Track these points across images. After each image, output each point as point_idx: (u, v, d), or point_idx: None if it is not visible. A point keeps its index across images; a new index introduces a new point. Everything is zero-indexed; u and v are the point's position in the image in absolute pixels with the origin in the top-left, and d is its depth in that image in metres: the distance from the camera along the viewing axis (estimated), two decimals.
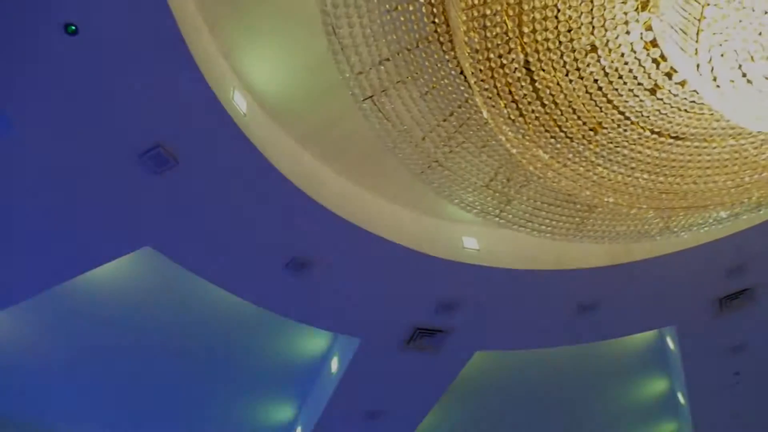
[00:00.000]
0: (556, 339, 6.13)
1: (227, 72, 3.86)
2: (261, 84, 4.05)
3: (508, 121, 2.87)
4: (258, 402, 6.54)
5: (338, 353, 5.90)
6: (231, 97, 3.77)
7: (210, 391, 6.24)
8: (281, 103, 4.19)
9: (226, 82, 3.77)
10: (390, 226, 4.81)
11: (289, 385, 6.40)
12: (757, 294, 6.04)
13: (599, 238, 4.07)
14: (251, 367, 6.06)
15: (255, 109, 4.09)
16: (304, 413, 6.51)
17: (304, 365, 6.18)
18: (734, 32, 2.08)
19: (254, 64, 3.94)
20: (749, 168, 3.32)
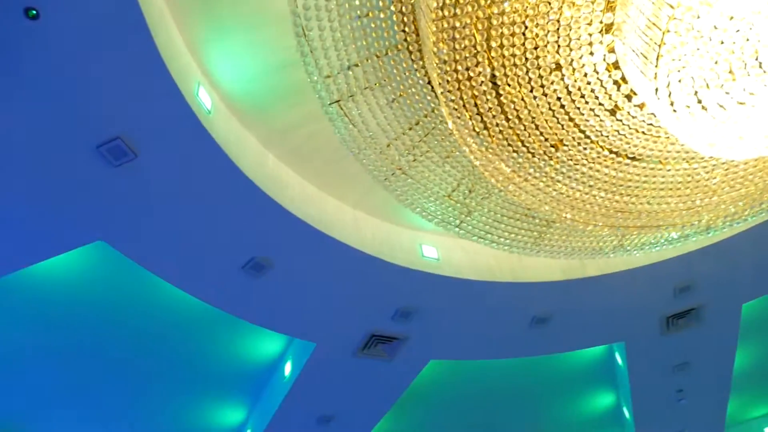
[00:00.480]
0: (509, 351, 6.21)
1: (193, 67, 3.80)
2: (227, 81, 4.00)
3: (473, 133, 2.91)
4: (208, 403, 6.41)
5: (292, 357, 5.85)
6: (195, 92, 3.71)
7: (159, 390, 6.09)
8: (247, 102, 4.14)
9: (190, 77, 3.71)
10: (351, 232, 4.80)
11: (241, 388, 6.31)
12: (702, 314, 6.25)
13: (555, 252, 4.16)
14: (203, 367, 5.94)
15: (220, 107, 4.04)
16: (255, 416, 6.42)
17: (257, 368, 6.10)
18: (692, 60, 2.15)
19: (221, 61, 3.89)
20: (700, 191, 3.44)
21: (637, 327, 6.31)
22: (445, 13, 2.44)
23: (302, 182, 4.71)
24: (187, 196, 4.06)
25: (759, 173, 3.35)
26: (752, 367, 7.69)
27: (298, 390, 5.75)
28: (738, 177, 3.36)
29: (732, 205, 3.56)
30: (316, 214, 4.58)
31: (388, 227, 5.21)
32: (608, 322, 6.18)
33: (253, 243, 4.47)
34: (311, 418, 6.11)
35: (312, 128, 4.33)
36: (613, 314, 6.06)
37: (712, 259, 5.56)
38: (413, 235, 5.30)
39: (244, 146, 4.18)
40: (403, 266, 4.95)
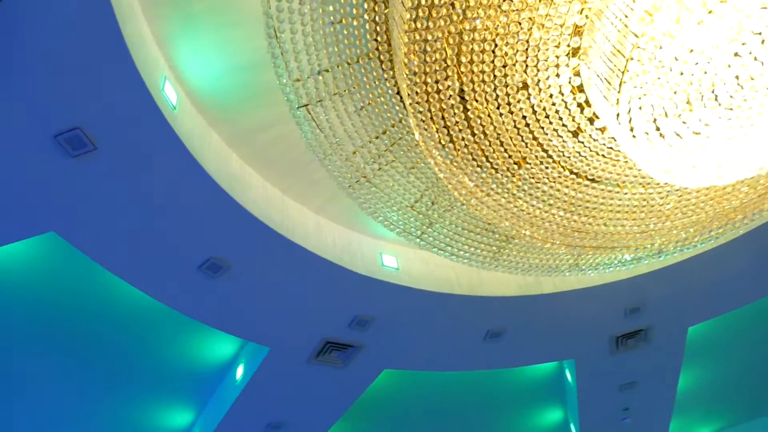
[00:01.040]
0: (462, 363, 6.26)
1: (160, 61, 3.74)
2: (194, 78, 3.94)
3: (439, 146, 2.94)
4: (155, 404, 6.25)
5: (245, 361, 5.76)
6: (161, 86, 3.65)
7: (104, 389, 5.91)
8: (214, 100, 4.09)
9: (157, 71, 3.64)
10: (312, 237, 4.77)
11: (191, 390, 6.17)
12: (650, 335, 6.43)
13: (513, 268, 4.23)
14: (152, 366, 5.79)
15: (185, 103, 3.97)
16: (203, 420, 6.29)
17: (208, 370, 5.99)
18: (652, 88, 2.23)
19: (190, 57, 3.83)
20: (654, 216, 3.56)
21: (587, 345, 6.45)
22: (418, 25, 2.46)
23: (265, 184, 4.66)
24: (146, 191, 3.97)
25: (710, 202, 3.47)
26: (695, 388, 7.94)
27: (249, 394, 5.66)
28: (690, 204, 3.48)
29: (683, 230, 3.68)
30: (278, 217, 4.54)
31: (350, 234, 5.20)
32: (560, 339, 6.29)
33: (212, 243, 4.39)
34: (261, 423, 6.03)
35: (278, 131, 4.30)
36: (566, 332, 6.18)
37: (662, 282, 5.74)
38: (374, 244, 5.30)
39: (208, 144, 4.12)
40: (362, 274, 4.94)
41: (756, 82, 2.26)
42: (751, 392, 8.33)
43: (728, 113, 2.34)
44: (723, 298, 6.29)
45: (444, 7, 2.42)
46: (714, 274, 5.82)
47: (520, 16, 2.43)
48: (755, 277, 6.09)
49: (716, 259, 5.55)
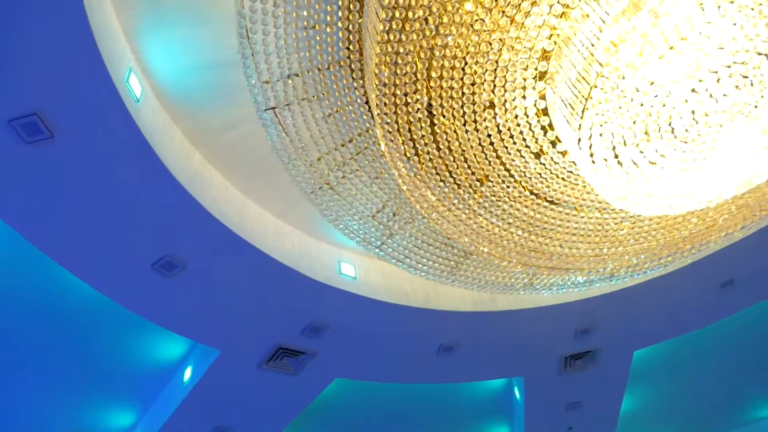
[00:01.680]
0: (414, 376, 6.28)
1: (127, 52, 3.66)
2: (162, 72, 3.87)
3: (404, 158, 2.96)
4: (97, 403, 6.05)
5: (194, 362, 5.64)
6: (126, 78, 3.57)
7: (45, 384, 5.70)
8: (180, 96, 4.02)
9: (123, 62, 3.57)
10: (271, 241, 4.73)
11: (135, 389, 6.00)
12: (598, 356, 6.58)
13: (469, 284, 4.27)
14: (96, 364, 5.61)
15: (150, 97, 3.90)
16: (147, 421, 6.12)
17: (154, 370, 5.84)
18: (613, 116, 2.30)
19: (158, 51, 3.76)
20: (608, 241, 3.65)
21: (537, 364, 6.55)
22: (391, 37, 2.48)
23: (227, 185, 4.60)
24: (103, 183, 3.86)
25: (661, 230, 3.59)
26: (637, 411, 8.15)
27: (196, 397, 5.54)
28: (643, 231, 3.59)
29: (635, 256, 3.79)
30: (237, 218, 4.48)
31: (309, 241, 5.17)
32: (511, 357, 6.38)
33: (168, 241, 4.30)
34: (207, 427, 5.90)
35: (244, 132, 4.26)
36: (517, 349, 6.27)
37: (612, 305, 5.88)
38: (333, 252, 5.28)
39: (171, 140, 4.05)
40: (319, 281, 4.91)
41: (710, 119, 2.35)
42: (691, 416, 8.59)
43: (683, 146, 2.43)
44: (668, 325, 6.49)
45: (417, 22, 2.45)
46: (661, 301, 6.01)
47: (491, 36, 2.47)
48: (700, 306, 6.31)
49: (664, 286, 5.72)
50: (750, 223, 3.75)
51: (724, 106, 2.31)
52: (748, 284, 6.13)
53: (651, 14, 2.05)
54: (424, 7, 2.42)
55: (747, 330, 7.16)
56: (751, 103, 2.33)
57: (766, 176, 2.62)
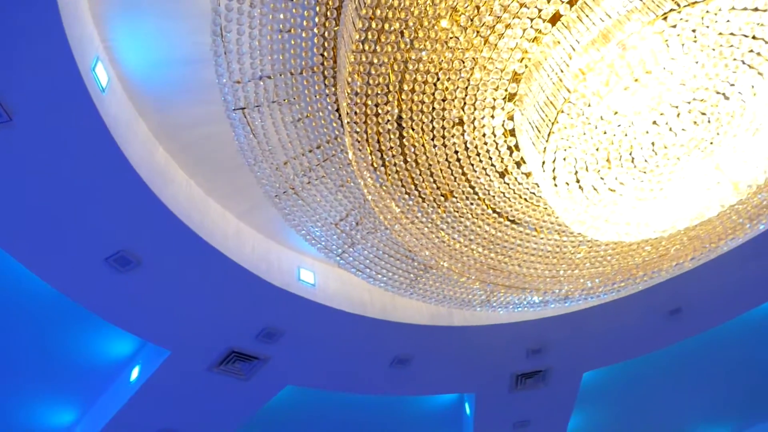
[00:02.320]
0: (367, 387, 6.25)
1: (95, 39, 3.58)
2: (130, 63, 3.80)
3: (370, 168, 2.97)
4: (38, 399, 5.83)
5: (142, 362, 5.50)
6: (92, 66, 3.49)
7: None
8: (147, 89, 3.95)
9: (90, 49, 3.48)
10: (231, 242, 4.66)
11: (78, 387, 5.80)
12: (548, 376, 6.68)
13: (427, 297, 4.30)
14: (39, 358, 5.41)
15: (116, 87, 3.82)
16: (87, 420, 5.92)
17: (100, 368, 5.66)
18: (578, 142, 2.35)
19: (129, 41, 3.69)
20: (565, 263, 3.73)
21: (489, 381, 6.61)
22: (366, 47, 2.50)
23: (189, 183, 4.53)
24: (60, 171, 3.75)
25: (616, 256, 3.69)
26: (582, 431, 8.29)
27: (142, 397, 5.40)
28: (599, 256, 3.68)
29: (590, 280, 3.88)
30: (197, 217, 4.41)
31: (270, 245, 5.12)
32: (464, 372, 6.42)
33: (124, 235, 4.20)
34: (151, 429, 5.75)
35: (210, 130, 4.21)
36: (470, 365, 6.31)
37: (565, 327, 5.99)
38: (293, 257, 5.25)
39: (135, 133, 3.97)
40: (277, 286, 4.87)
41: (668, 151, 2.44)
42: None
43: (641, 176, 2.51)
44: (618, 348, 6.65)
45: (393, 35, 2.47)
46: (612, 325, 6.15)
47: (464, 55, 2.51)
48: (649, 331, 6.48)
49: (616, 310, 5.87)
50: (700, 255, 3.89)
51: (683, 140, 2.40)
52: (695, 313, 6.34)
53: (619, 46, 2.12)
54: (401, 21, 2.44)
55: (693, 356, 7.39)
56: (707, 140, 2.43)
57: (717, 210, 2.73)
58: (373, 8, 2.39)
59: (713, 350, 7.33)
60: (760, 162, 2.56)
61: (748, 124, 2.41)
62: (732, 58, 2.18)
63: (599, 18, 2.23)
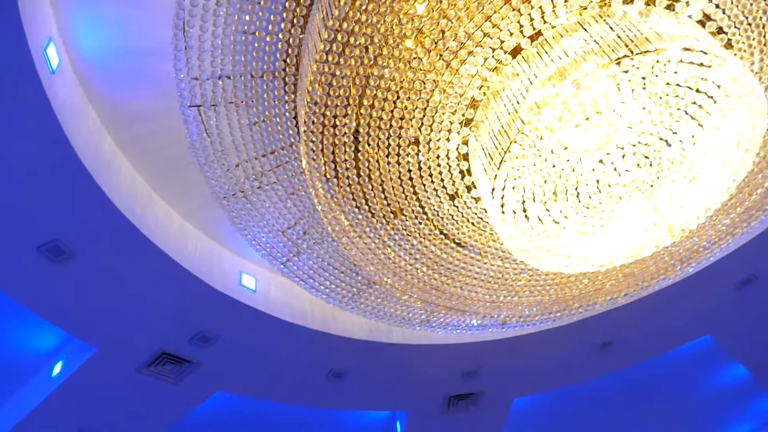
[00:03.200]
0: (301, 398, 6.17)
1: (50, 20, 3.45)
2: (85, 48, 3.68)
3: (323, 178, 2.96)
4: None
5: (66, 357, 5.26)
6: (44, 45, 3.36)
7: None
8: (100, 76, 3.83)
9: (44, 29, 3.36)
10: (173, 241, 4.54)
11: None
12: (480, 399, 6.77)
13: (368, 312, 4.30)
14: None
15: (67, 71, 3.68)
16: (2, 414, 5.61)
17: (21, 360, 5.38)
18: (527, 173, 2.42)
19: (85, 25, 3.57)
20: (506, 289, 3.80)
21: (422, 400, 6.64)
22: (330, 59, 2.50)
23: (135, 176, 4.40)
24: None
25: (555, 286, 3.79)
26: None
27: (63, 394, 5.15)
28: (538, 285, 3.77)
29: (528, 308, 3.97)
30: (140, 212, 4.29)
31: (213, 247, 5.02)
32: (398, 390, 6.43)
33: (60, 224, 4.03)
34: (70, 427, 5.49)
35: (162, 125, 4.10)
36: (405, 383, 6.33)
37: (500, 352, 6.09)
38: (236, 262, 5.15)
39: (83, 120, 3.83)
40: (217, 289, 4.76)
41: (611, 190, 2.53)
42: None
43: (585, 211, 2.60)
44: (550, 377, 6.80)
45: (358, 49, 2.49)
46: (546, 353, 6.29)
47: (426, 76, 2.55)
48: (580, 362, 6.67)
49: (550, 339, 6.01)
50: (633, 291, 4.05)
51: (625, 180, 2.50)
52: (625, 347, 6.57)
53: (574, 85, 2.20)
54: (367, 36, 2.46)
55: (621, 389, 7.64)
56: (648, 182, 2.54)
57: (651, 250, 2.85)
58: (341, 21, 2.41)
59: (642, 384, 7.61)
60: (695, 208, 2.69)
61: (686, 171, 2.54)
62: (676, 108, 2.29)
63: (557, 55, 2.32)
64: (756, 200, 3.57)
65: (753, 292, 6.16)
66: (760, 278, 6.02)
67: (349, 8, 2.38)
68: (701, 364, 7.60)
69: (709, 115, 2.32)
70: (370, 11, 2.40)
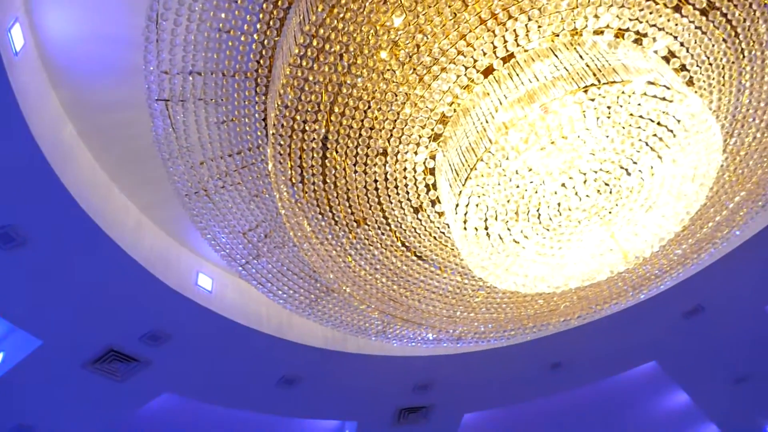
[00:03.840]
0: (249, 403, 6.08)
1: (16, 1, 3.35)
2: (53, 32, 3.58)
3: (288, 183, 2.95)
4: None
5: (7, 349, 5.06)
6: (8, 27, 3.26)
7: None
8: (66, 62, 3.73)
9: (9, 9, 3.26)
10: (129, 235, 4.44)
11: None
12: (430, 413, 6.79)
13: (325, 320, 4.27)
14: None
15: (31, 55, 3.58)
16: None
17: None
18: (492, 191, 2.46)
19: (55, 8, 3.47)
20: (463, 305, 3.84)
21: (373, 411, 6.62)
22: (304, 63, 2.50)
23: (95, 166, 4.29)
24: None
25: (511, 304, 3.84)
26: None
27: (2, 387, 4.94)
28: (495, 302, 3.82)
29: (483, 324, 4.01)
30: (97, 203, 4.17)
31: (171, 244, 4.92)
32: (349, 400, 6.39)
33: (13, 210, 3.89)
34: (9, 422, 5.27)
35: (127, 116, 4.02)
36: (357, 394, 6.30)
37: (453, 367, 6.13)
38: (193, 261, 5.06)
39: (44, 105, 3.72)
40: (172, 288, 4.66)
41: (572, 214, 2.59)
42: None
43: (544, 232, 2.65)
44: (500, 394, 6.87)
45: (332, 56, 2.49)
46: (498, 371, 6.36)
47: (398, 89, 2.57)
48: (531, 381, 6.76)
49: (503, 357, 6.08)
50: (586, 314, 4.14)
51: (585, 205, 2.56)
52: (575, 368, 6.69)
53: (542, 108, 2.25)
54: (342, 44, 2.47)
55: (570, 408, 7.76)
56: (606, 209, 2.61)
57: (606, 275, 2.92)
58: (317, 27, 2.41)
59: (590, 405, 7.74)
60: (649, 237, 2.77)
61: (644, 200, 2.61)
62: (638, 138, 2.37)
63: (528, 78, 2.37)
64: (707, 233, 3.70)
65: (699, 321, 6.36)
66: (707, 309, 6.23)
67: (326, 15, 2.38)
68: (648, 389, 7.79)
69: (668, 147, 2.40)
70: (347, 20, 2.41)
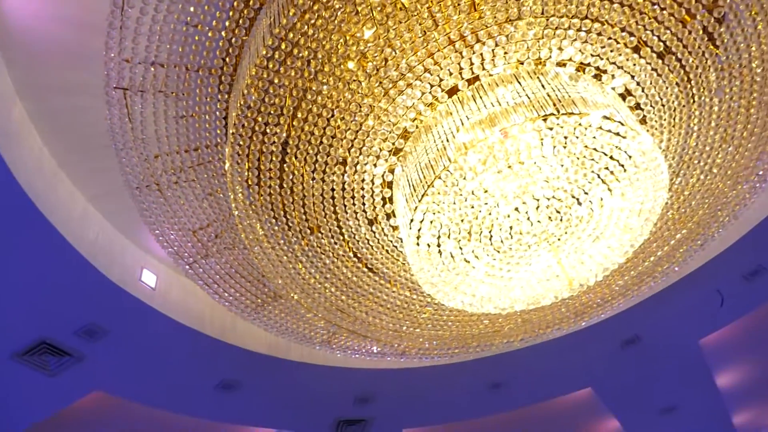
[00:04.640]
0: (184, 406, 5.93)
1: None
2: (9, 7, 3.45)
3: (244, 184, 2.91)
4: None
5: None
6: None
7: None
8: (21, 40, 3.59)
9: None
10: (74, 225, 4.28)
11: None
12: (369, 426, 6.77)
13: (270, 326, 4.22)
14: None
15: None
16: None
17: None
18: (447, 209, 2.48)
19: None
20: (409, 320, 3.85)
21: (312, 421, 6.55)
22: (270, 65, 2.48)
23: (43, 150, 4.13)
24: None
25: (457, 323, 3.88)
26: None
27: None
28: (441, 320, 3.85)
29: (428, 341, 4.03)
30: (42, 189, 4.02)
31: (116, 237, 4.77)
32: (288, 408, 6.31)
33: None
34: None
35: (81, 102, 3.89)
36: (297, 403, 6.23)
37: (394, 381, 6.14)
38: (139, 256, 4.93)
39: None
40: (114, 282, 4.51)
41: (522, 238, 2.64)
42: None
43: (495, 254, 2.69)
44: (440, 411, 6.91)
45: (300, 61, 2.48)
46: (439, 388, 6.40)
47: (363, 100, 2.58)
48: (472, 400, 6.83)
49: (445, 375, 6.12)
50: (529, 337, 4.22)
51: (536, 230, 2.62)
52: (513, 389, 6.79)
53: (501, 132, 2.29)
54: (311, 50, 2.46)
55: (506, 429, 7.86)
56: (556, 235, 2.67)
57: (550, 300, 2.98)
58: (287, 30, 2.40)
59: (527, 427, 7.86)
60: (594, 267, 2.85)
61: (592, 230, 2.69)
62: (591, 170, 2.44)
63: (491, 102, 2.41)
64: (648, 267, 3.84)
65: (635, 351, 6.57)
66: (643, 339, 6.44)
67: (297, 19, 2.38)
68: (583, 414, 7.98)
69: (618, 181, 2.48)
70: (318, 26, 2.41)
